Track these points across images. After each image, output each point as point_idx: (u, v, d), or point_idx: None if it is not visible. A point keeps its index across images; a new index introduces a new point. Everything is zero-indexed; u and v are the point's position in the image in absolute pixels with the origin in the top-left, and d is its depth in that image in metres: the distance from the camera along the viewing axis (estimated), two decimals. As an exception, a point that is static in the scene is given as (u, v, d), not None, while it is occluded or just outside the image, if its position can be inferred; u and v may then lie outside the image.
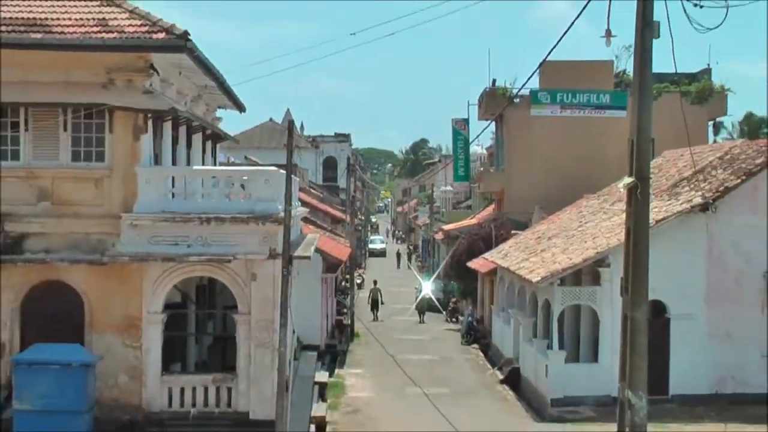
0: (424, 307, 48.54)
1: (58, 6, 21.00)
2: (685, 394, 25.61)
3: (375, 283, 51.49)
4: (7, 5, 20.82)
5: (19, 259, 20.32)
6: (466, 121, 50.14)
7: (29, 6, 20.91)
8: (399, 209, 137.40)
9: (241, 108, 31.08)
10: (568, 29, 15.19)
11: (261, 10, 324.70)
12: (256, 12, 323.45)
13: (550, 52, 16.35)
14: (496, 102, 43.68)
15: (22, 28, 20.07)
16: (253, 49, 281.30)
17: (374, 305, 49.09)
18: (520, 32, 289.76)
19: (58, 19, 20.45)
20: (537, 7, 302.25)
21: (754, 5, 14.78)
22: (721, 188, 26.26)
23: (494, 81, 45.99)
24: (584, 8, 14.48)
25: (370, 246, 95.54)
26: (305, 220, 33.73)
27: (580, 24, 14.89)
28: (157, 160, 21.79)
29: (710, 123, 46.27)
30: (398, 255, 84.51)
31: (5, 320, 20.42)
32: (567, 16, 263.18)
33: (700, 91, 43.35)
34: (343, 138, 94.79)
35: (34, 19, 20.39)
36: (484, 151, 65.33)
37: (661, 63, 14.10)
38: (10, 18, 20.34)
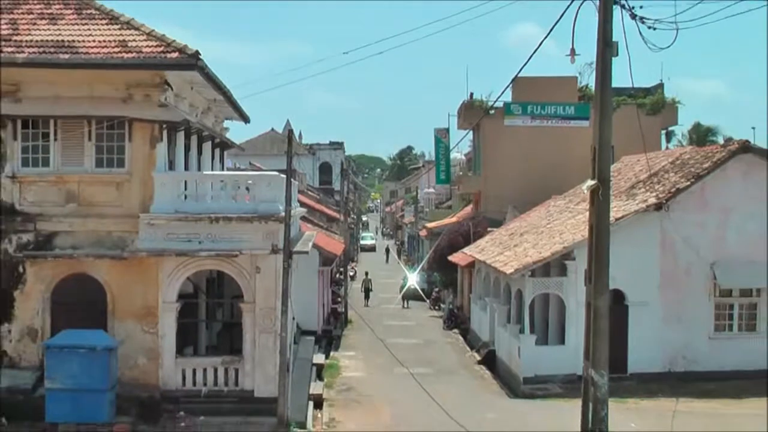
0: (410, 295, 48.74)
1: (83, 29, 20.99)
2: (642, 372, 25.70)
3: (366, 274, 52.20)
4: (38, 29, 20.88)
5: (49, 255, 20.38)
6: (447, 131, 50.20)
7: (58, 30, 20.91)
8: (387, 209, 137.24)
9: (246, 119, 31.06)
10: (537, 48, 15.32)
11: (264, 32, 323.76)
12: (260, 33, 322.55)
13: (521, 69, 16.50)
14: (473, 113, 43.64)
15: (52, 50, 20.10)
16: (257, 67, 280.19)
17: (366, 293, 49.76)
18: (495, 51, 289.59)
19: (83, 41, 20.46)
20: (509, 29, 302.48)
21: (700, 29, 14.88)
22: (673, 189, 26.38)
23: (472, 94, 45.96)
24: (551, 30, 14.58)
25: (362, 242, 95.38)
26: (303, 219, 33.75)
27: (547, 44, 14.99)
28: (171, 165, 21.79)
29: (663, 132, 46.31)
30: (387, 251, 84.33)
31: (38, 309, 20.47)
32: (536, 36, 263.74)
33: (654, 104, 43.46)
34: (337, 146, 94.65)
35: (62, 41, 20.40)
36: (463, 157, 65.16)
37: (620, 78, 14.16)
38: (42, 40, 20.39)
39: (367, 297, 49.50)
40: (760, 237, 26.34)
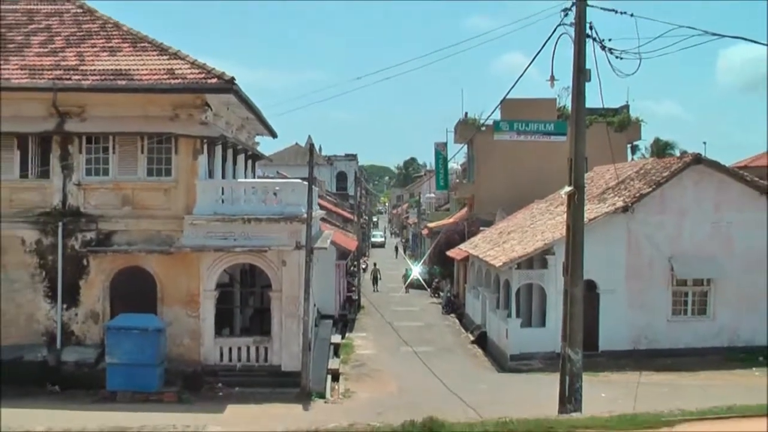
0: (413, 284, 48.82)
1: (137, 60, 21.16)
2: (611, 350, 25.60)
3: (375, 264, 52.67)
4: (100, 60, 21.07)
5: (108, 250, 20.52)
6: (445, 144, 50.09)
7: (117, 60, 21.10)
8: (394, 211, 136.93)
9: (274, 134, 31.16)
10: (522, 74, 15.43)
11: (290, 61, 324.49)
12: (287, 62, 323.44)
13: (508, 92, 16.56)
14: (467, 129, 43.61)
15: (111, 77, 20.29)
16: (284, 89, 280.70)
17: (374, 280, 50.00)
18: (486, 76, 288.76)
19: (137, 69, 20.62)
20: (498, 57, 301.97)
21: (659, 59, 14.94)
22: (637, 195, 26.34)
23: (466, 113, 45.95)
24: (534, 59, 14.65)
25: (372, 239, 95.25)
26: (323, 220, 33.78)
27: (531, 71, 15.07)
28: (210, 174, 21.90)
29: (629, 145, 46.21)
30: (396, 248, 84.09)
31: (99, 295, 20.61)
32: (521, 64, 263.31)
33: (621, 122, 43.32)
34: (352, 157, 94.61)
35: (120, 70, 20.58)
36: (459, 167, 65.08)
37: (592, 100, 14.23)
38: (103, 69, 20.59)
39: (375, 283, 49.70)
40: (709, 235, 26.37)
